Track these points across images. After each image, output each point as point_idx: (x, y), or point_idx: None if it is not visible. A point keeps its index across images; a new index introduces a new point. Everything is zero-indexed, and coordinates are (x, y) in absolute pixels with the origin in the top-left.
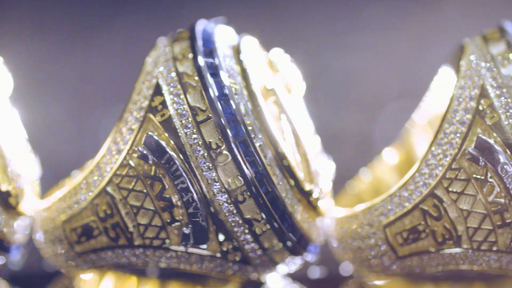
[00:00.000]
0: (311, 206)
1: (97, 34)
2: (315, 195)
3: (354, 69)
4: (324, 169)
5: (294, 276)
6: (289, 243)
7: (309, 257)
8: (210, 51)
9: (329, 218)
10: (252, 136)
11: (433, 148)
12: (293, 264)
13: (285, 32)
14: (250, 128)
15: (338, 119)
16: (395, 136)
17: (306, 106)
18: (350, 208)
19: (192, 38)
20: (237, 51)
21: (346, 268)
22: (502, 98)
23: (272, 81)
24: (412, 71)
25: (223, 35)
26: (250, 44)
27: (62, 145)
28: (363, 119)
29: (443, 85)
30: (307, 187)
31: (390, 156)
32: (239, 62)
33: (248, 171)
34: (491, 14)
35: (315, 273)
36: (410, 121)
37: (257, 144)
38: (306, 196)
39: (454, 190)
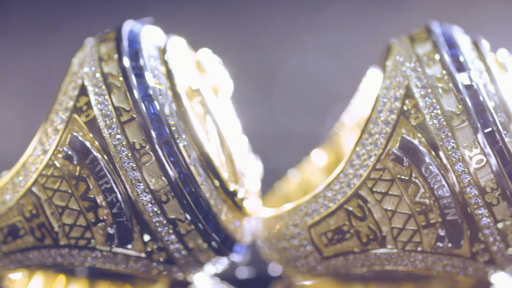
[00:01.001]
0: (237, 206)
1: (48, 35)
2: (240, 195)
3: (308, 69)
4: (250, 169)
5: (222, 276)
6: (214, 244)
7: (236, 257)
8: (135, 52)
9: (256, 218)
10: (176, 136)
11: (357, 149)
12: (219, 264)
13: (240, 32)
14: (174, 128)
15: (289, 119)
16: None
17: (259, 105)
18: (276, 209)
19: (118, 39)
20: (163, 52)
21: (275, 268)
22: (427, 98)
23: (198, 82)
24: (365, 73)
25: (150, 36)
26: (177, 44)
27: (7, 145)
28: (314, 119)
29: (371, 86)
30: (232, 187)
31: (318, 157)
32: (164, 63)
33: (171, 172)
34: (445, 15)
35: (243, 273)
36: (339, 123)
37: (180, 145)
38: (231, 197)
39: (379, 190)
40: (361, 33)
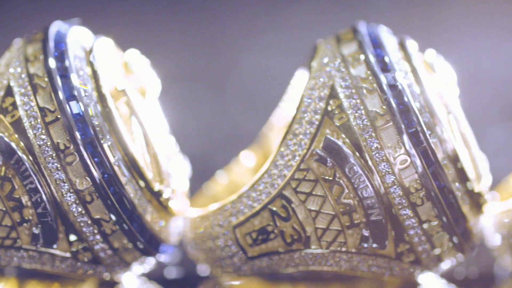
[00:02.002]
0: (162, 206)
1: None
2: (165, 195)
3: (265, 69)
4: (178, 169)
5: (150, 276)
6: (139, 244)
7: (162, 257)
8: (61, 53)
9: (183, 218)
10: (100, 137)
11: (282, 149)
12: (146, 264)
13: (197, 31)
14: (98, 129)
15: (240, 120)
16: None
17: (211, 105)
18: (202, 209)
19: (45, 40)
20: (89, 52)
21: (203, 268)
22: (351, 99)
23: (124, 82)
24: None
25: (77, 36)
26: (104, 45)
27: None
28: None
29: (299, 88)
30: (157, 187)
31: (247, 158)
32: (90, 64)
33: (95, 172)
34: (414, 17)
35: (172, 273)
36: (268, 124)
37: (105, 145)
38: (156, 197)
39: (303, 190)
40: (317, 33)
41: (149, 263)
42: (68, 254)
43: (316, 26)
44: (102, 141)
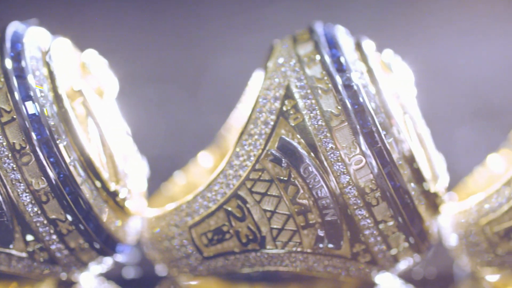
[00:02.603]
0: (119, 206)
1: None
2: (122, 195)
3: (238, 70)
4: (135, 170)
5: (108, 276)
6: (95, 244)
7: (119, 257)
8: (17, 53)
9: (140, 218)
10: (56, 137)
11: (237, 149)
12: (103, 264)
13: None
14: (54, 129)
15: (217, 120)
16: None
17: (187, 105)
18: (159, 209)
19: (1, 40)
20: (45, 53)
21: (161, 268)
22: (306, 99)
23: (81, 83)
24: None
25: (34, 37)
26: (61, 46)
27: None
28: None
29: (255, 88)
30: (113, 187)
31: (205, 159)
32: (47, 65)
33: (51, 172)
34: (391, 17)
35: (130, 273)
36: (226, 125)
37: (60, 145)
38: (112, 197)
39: (258, 191)
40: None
41: (106, 263)
42: (24, 254)
43: (291, 26)
44: (57, 142)
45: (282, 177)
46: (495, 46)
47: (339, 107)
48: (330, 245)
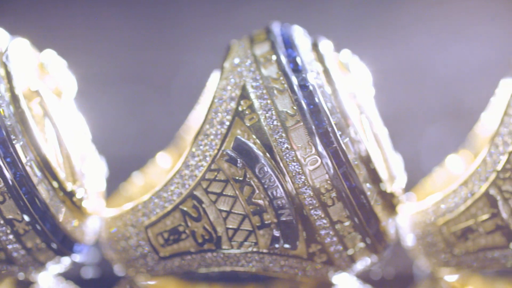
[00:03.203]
0: (76, 206)
1: None
2: (79, 195)
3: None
4: (93, 170)
5: (67, 276)
6: (52, 244)
7: (77, 257)
8: None
9: (98, 218)
10: (12, 137)
11: (193, 149)
12: (61, 264)
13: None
14: (10, 129)
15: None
16: None
17: (158, 106)
18: (117, 209)
19: None
20: (2, 53)
21: (119, 268)
22: (262, 99)
23: (38, 83)
24: None
25: None
26: (19, 46)
27: None
28: None
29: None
30: (70, 187)
31: (163, 160)
32: (3, 65)
33: (7, 172)
34: (364, 16)
35: (88, 272)
36: (185, 126)
37: (17, 145)
38: (69, 197)
39: (213, 191)
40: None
41: (64, 262)
42: None
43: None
44: (14, 142)
45: (237, 177)
46: (466, 45)
47: (295, 107)
48: (286, 245)
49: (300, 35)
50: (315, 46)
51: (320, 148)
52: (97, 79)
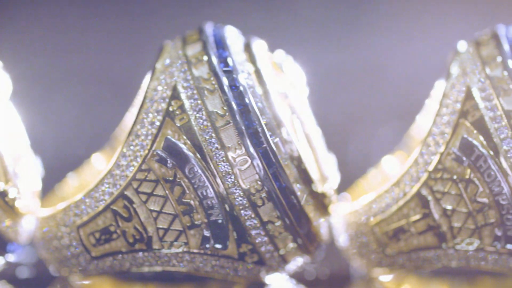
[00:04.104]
0: (8, 206)
1: None
2: (11, 195)
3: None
4: (27, 170)
5: (1, 276)
6: None
7: (10, 257)
8: None
9: (32, 218)
10: None
11: (124, 150)
12: None
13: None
14: None
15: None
16: None
17: (102, 106)
18: (51, 208)
19: None
20: None
21: (54, 268)
22: (192, 99)
23: None
24: None
25: None
26: None
27: None
28: None
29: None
30: (2, 187)
31: (98, 160)
32: None
33: None
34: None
35: (24, 272)
36: (120, 128)
37: None
38: (1, 197)
39: (144, 191)
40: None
41: None
42: None
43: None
44: None
45: (168, 178)
46: (419, 46)
47: (225, 108)
48: (217, 245)
49: (233, 36)
50: (247, 47)
51: (250, 148)
52: (33, 79)
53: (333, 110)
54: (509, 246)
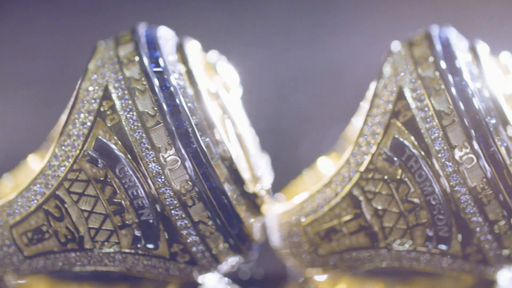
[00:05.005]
0: None
1: None
2: None
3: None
4: None
5: None
6: None
7: None
8: None
9: None
10: None
11: (56, 150)
12: None
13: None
14: None
15: None
16: None
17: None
18: None
19: None
20: None
21: None
22: (123, 100)
23: None
24: None
25: None
26: None
27: None
28: None
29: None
30: None
31: (34, 161)
32: None
33: None
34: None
35: None
36: (56, 128)
37: None
38: None
39: (75, 191)
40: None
41: None
42: None
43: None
44: None
45: (99, 178)
46: (372, 48)
47: (155, 108)
48: (148, 245)
49: (166, 36)
50: (180, 47)
51: (180, 148)
52: None
53: (278, 112)
54: (441, 247)
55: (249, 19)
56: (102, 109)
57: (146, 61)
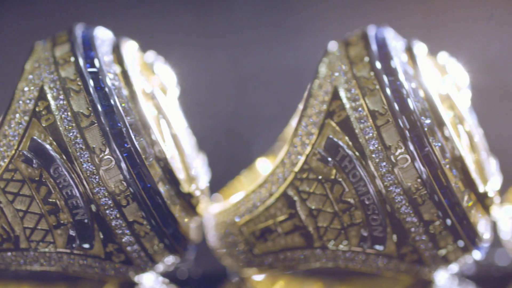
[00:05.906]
0: None
1: None
2: None
3: None
4: None
5: None
6: None
7: None
8: None
9: None
10: None
11: None
12: None
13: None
14: None
15: None
16: None
17: None
18: None
19: None
20: None
21: None
22: (58, 100)
23: None
24: None
25: None
26: None
27: None
28: None
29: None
30: None
31: None
32: None
33: None
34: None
35: None
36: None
37: None
38: None
39: (11, 190)
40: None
41: None
42: None
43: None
44: None
45: (34, 178)
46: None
47: (90, 108)
48: (84, 245)
49: (103, 37)
50: (116, 48)
51: (114, 148)
52: None
53: (225, 112)
54: (376, 247)
55: (198, 19)
56: (37, 109)
57: (81, 61)
